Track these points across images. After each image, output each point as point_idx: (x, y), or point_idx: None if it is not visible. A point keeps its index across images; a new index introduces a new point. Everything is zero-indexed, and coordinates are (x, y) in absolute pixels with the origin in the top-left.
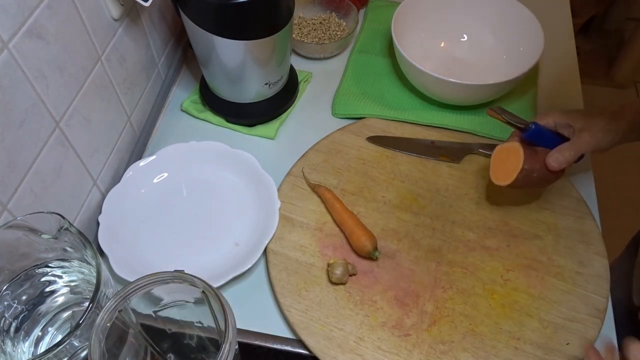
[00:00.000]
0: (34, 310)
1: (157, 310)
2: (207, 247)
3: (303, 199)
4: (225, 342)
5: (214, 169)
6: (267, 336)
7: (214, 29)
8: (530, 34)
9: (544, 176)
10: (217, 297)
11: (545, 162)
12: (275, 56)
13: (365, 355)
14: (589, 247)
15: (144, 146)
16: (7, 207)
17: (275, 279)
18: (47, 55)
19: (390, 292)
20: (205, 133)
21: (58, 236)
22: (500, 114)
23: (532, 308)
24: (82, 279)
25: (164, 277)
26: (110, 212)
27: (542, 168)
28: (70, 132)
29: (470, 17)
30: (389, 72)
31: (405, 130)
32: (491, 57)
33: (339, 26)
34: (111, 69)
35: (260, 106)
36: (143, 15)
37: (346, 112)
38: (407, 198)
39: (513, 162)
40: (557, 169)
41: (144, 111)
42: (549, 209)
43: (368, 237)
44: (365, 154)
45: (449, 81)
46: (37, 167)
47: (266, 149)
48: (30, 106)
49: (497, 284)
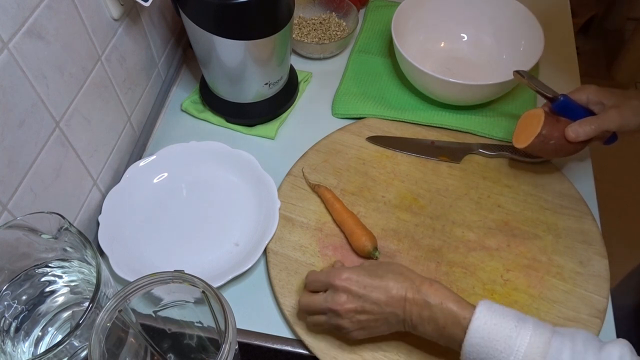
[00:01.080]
0: (34, 310)
1: (157, 310)
2: (207, 247)
3: (303, 199)
4: (225, 342)
5: (214, 169)
6: (267, 336)
7: (214, 29)
8: (530, 34)
9: (562, 146)
10: (217, 297)
11: (564, 131)
12: (275, 56)
13: (365, 356)
14: (589, 247)
15: (144, 146)
16: (7, 207)
17: (275, 279)
18: (47, 55)
19: None
20: (205, 133)
21: (58, 236)
22: (528, 79)
23: (532, 308)
24: (82, 279)
25: (164, 277)
26: (110, 212)
27: (561, 137)
28: (70, 132)
29: (470, 17)
30: (389, 72)
31: (405, 130)
32: (491, 57)
33: (339, 26)
34: (111, 69)
35: (260, 106)
36: (143, 15)
37: (346, 112)
38: (407, 198)
39: (534, 127)
40: (574, 140)
41: (144, 111)
42: (549, 209)
43: (368, 237)
44: (365, 154)
45: (449, 81)
46: (37, 167)
47: (266, 149)
48: (30, 106)
49: (497, 284)
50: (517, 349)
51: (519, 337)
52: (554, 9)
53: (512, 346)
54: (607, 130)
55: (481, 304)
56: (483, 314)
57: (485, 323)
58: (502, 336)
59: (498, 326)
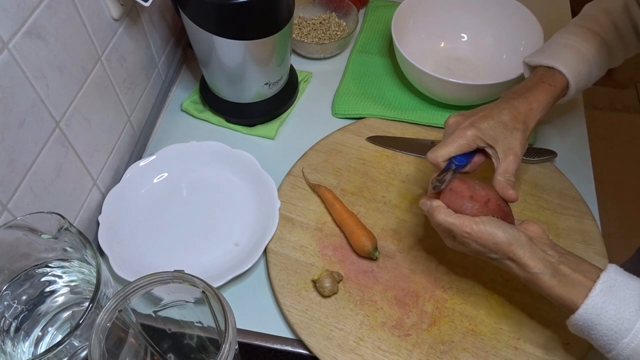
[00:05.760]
0: (34, 310)
1: (157, 310)
2: (207, 247)
3: (303, 199)
4: (225, 342)
5: (214, 169)
6: (267, 336)
7: (214, 29)
8: (530, 34)
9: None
10: (217, 297)
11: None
12: (275, 56)
13: (365, 355)
14: (589, 247)
15: (144, 146)
16: (7, 207)
17: (275, 279)
18: (47, 55)
19: (390, 292)
20: (205, 133)
21: (58, 236)
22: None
23: (532, 308)
24: (82, 279)
25: (164, 277)
26: (110, 212)
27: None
28: (70, 132)
29: (470, 17)
30: (389, 72)
31: (405, 130)
32: (491, 57)
33: (339, 26)
34: (111, 69)
35: (260, 106)
36: (143, 15)
37: (346, 112)
38: (407, 198)
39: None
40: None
41: (144, 111)
42: (549, 209)
43: (368, 237)
44: (365, 154)
45: (449, 81)
46: (37, 167)
47: (266, 149)
48: (30, 106)
49: (498, 283)
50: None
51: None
52: (554, 9)
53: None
54: (517, 172)
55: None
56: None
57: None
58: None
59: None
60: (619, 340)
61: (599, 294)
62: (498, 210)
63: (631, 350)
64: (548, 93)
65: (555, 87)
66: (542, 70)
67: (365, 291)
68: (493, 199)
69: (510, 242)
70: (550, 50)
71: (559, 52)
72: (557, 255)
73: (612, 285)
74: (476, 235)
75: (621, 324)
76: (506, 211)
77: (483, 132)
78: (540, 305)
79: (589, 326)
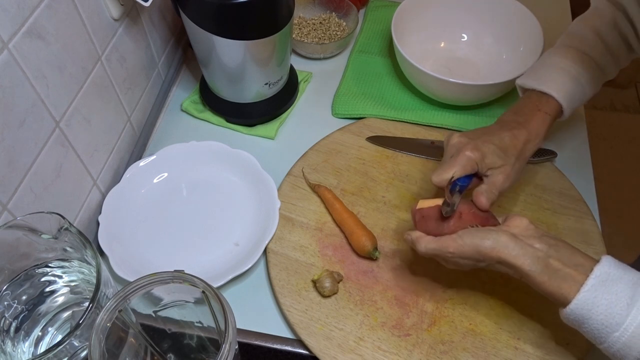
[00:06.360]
0: (34, 310)
1: (157, 310)
2: (207, 247)
3: (303, 199)
4: (225, 342)
5: (214, 169)
6: (267, 336)
7: (214, 29)
8: (530, 34)
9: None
10: (217, 297)
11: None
12: (275, 56)
13: (365, 355)
14: (589, 247)
15: (144, 146)
16: (7, 207)
17: (275, 279)
18: (47, 55)
19: (390, 292)
20: (205, 133)
21: (58, 236)
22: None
23: (532, 308)
24: (82, 279)
25: (164, 277)
26: (110, 212)
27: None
28: (70, 132)
29: (470, 17)
30: (389, 72)
31: (405, 130)
32: (491, 57)
33: (339, 26)
34: (111, 69)
35: (260, 106)
36: (143, 15)
37: (346, 112)
38: (407, 198)
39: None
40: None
41: (144, 111)
42: (549, 209)
43: (368, 237)
44: (365, 154)
45: (449, 81)
46: (37, 167)
47: (266, 149)
48: (30, 106)
49: (498, 284)
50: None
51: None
52: (554, 9)
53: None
54: (501, 191)
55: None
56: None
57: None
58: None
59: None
60: (610, 334)
61: (591, 289)
62: (474, 218)
63: (622, 344)
64: (545, 122)
65: (551, 114)
66: (535, 95)
67: (365, 291)
68: (465, 209)
69: (492, 247)
70: (541, 72)
71: (551, 76)
72: (546, 247)
73: (605, 279)
74: (459, 252)
75: (612, 318)
76: (483, 216)
77: (486, 156)
78: (540, 305)
79: (580, 320)
